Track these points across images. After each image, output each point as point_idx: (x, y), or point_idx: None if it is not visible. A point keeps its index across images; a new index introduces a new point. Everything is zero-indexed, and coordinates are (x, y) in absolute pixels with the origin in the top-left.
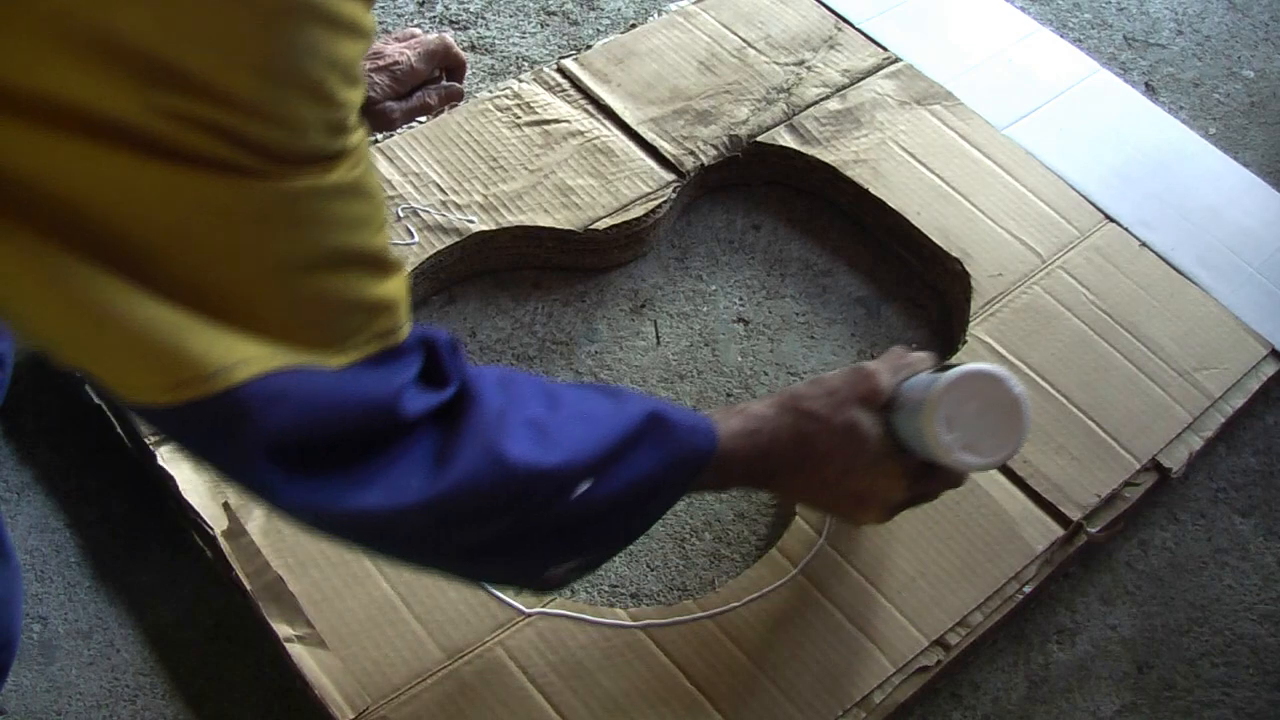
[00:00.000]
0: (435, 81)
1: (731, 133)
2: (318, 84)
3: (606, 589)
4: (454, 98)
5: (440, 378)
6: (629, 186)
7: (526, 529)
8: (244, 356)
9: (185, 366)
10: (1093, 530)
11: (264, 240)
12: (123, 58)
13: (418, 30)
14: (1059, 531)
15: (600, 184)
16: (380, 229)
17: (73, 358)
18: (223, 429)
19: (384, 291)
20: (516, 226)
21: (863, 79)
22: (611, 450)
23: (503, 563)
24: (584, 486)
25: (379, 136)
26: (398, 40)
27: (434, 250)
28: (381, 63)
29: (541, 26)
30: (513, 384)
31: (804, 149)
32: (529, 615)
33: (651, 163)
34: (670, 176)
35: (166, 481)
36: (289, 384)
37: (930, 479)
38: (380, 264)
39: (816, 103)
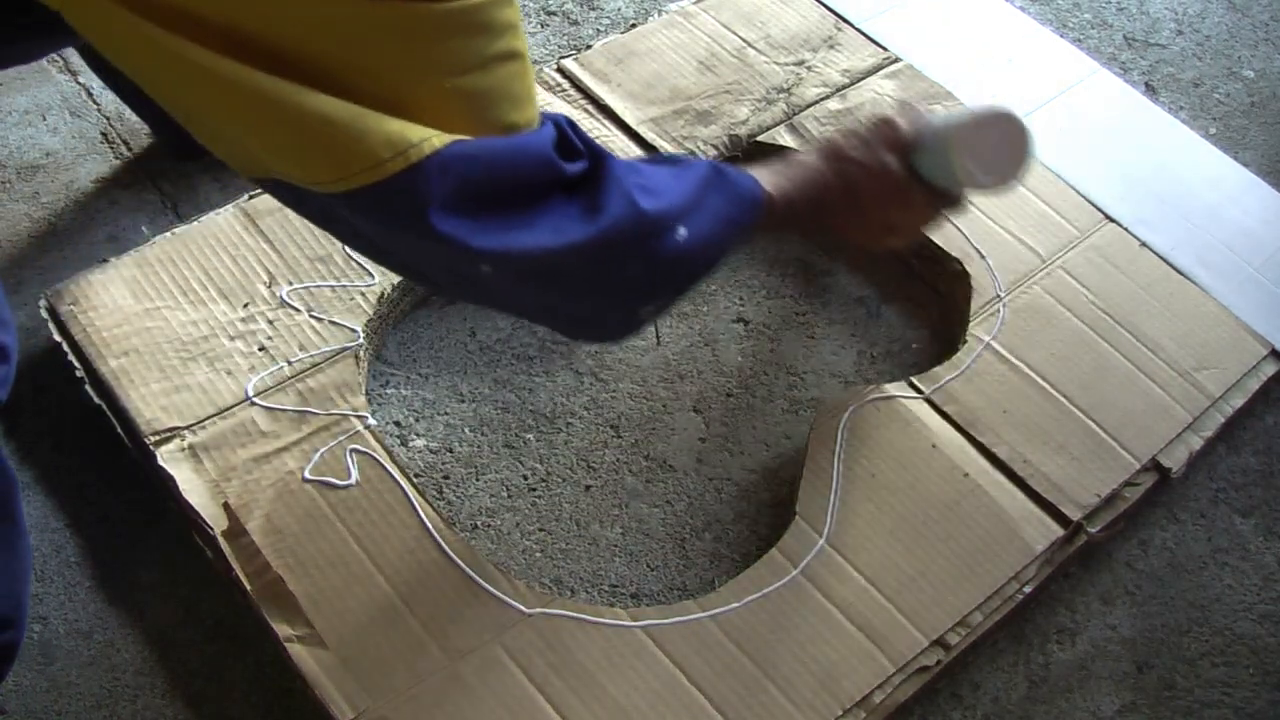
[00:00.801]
0: None
1: (731, 133)
2: None
3: (606, 589)
4: None
5: (574, 150)
6: None
7: (647, 268)
8: (429, 134)
9: (385, 145)
10: (1093, 530)
11: (433, 52)
12: None
13: None
14: (1059, 531)
15: None
16: (521, 33)
17: (279, 162)
18: (419, 196)
19: (527, 84)
20: None
21: (863, 79)
22: (694, 198)
23: (613, 309)
24: (681, 231)
25: None
26: None
27: None
28: None
29: (541, 26)
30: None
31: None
32: (529, 615)
33: None
34: None
35: (166, 481)
36: (469, 146)
37: (943, 203)
38: (524, 61)
39: (816, 103)
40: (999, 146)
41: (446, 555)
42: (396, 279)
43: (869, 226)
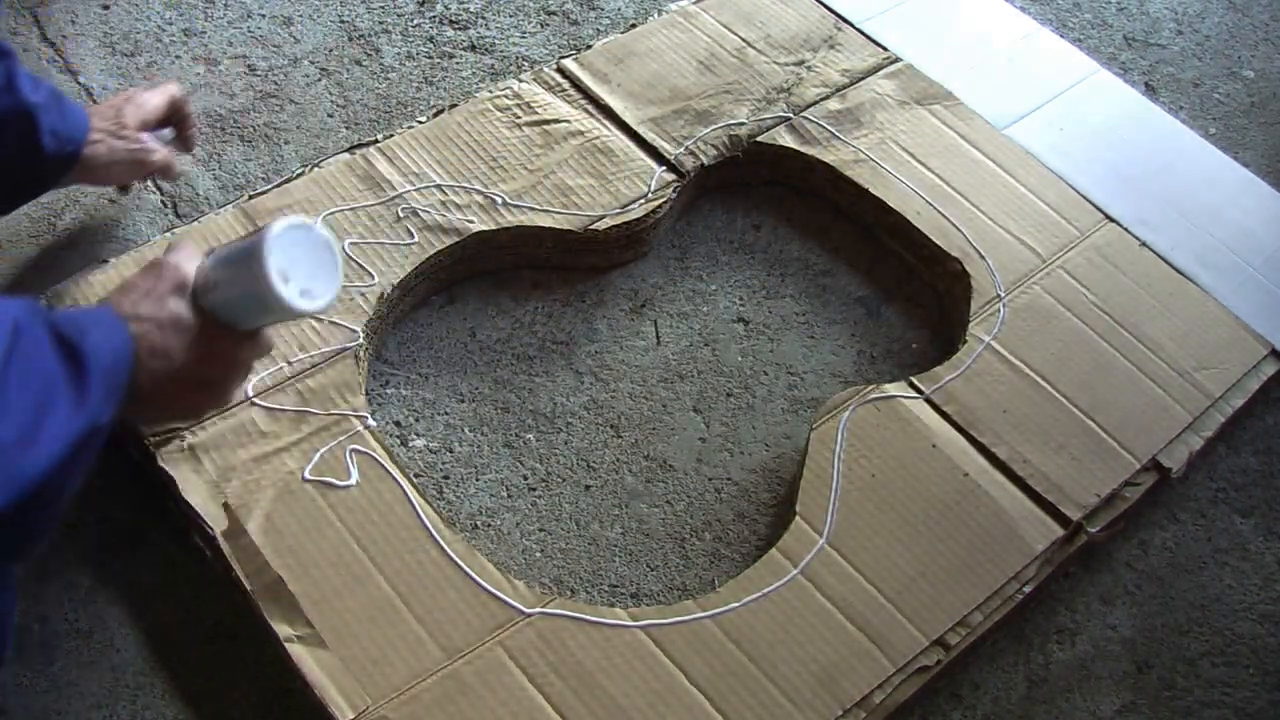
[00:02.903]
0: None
1: (731, 133)
2: None
3: (606, 589)
4: (169, 173)
5: None
6: (629, 186)
7: None
8: None
9: None
10: (1093, 530)
11: None
12: None
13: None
14: (1059, 531)
15: (600, 184)
16: None
17: None
18: None
19: None
20: (516, 226)
21: (863, 79)
22: (38, 497)
23: None
24: None
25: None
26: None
27: (434, 250)
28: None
29: (541, 26)
30: None
31: (804, 149)
32: (529, 615)
33: (651, 163)
34: (670, 176)
35: (166, 481)
36: None
37: (253, 347)
38: None
39: (816, 103)
40: (309, 265)
41: (446, 555)
42: (396, 279)
43: (176, 391)
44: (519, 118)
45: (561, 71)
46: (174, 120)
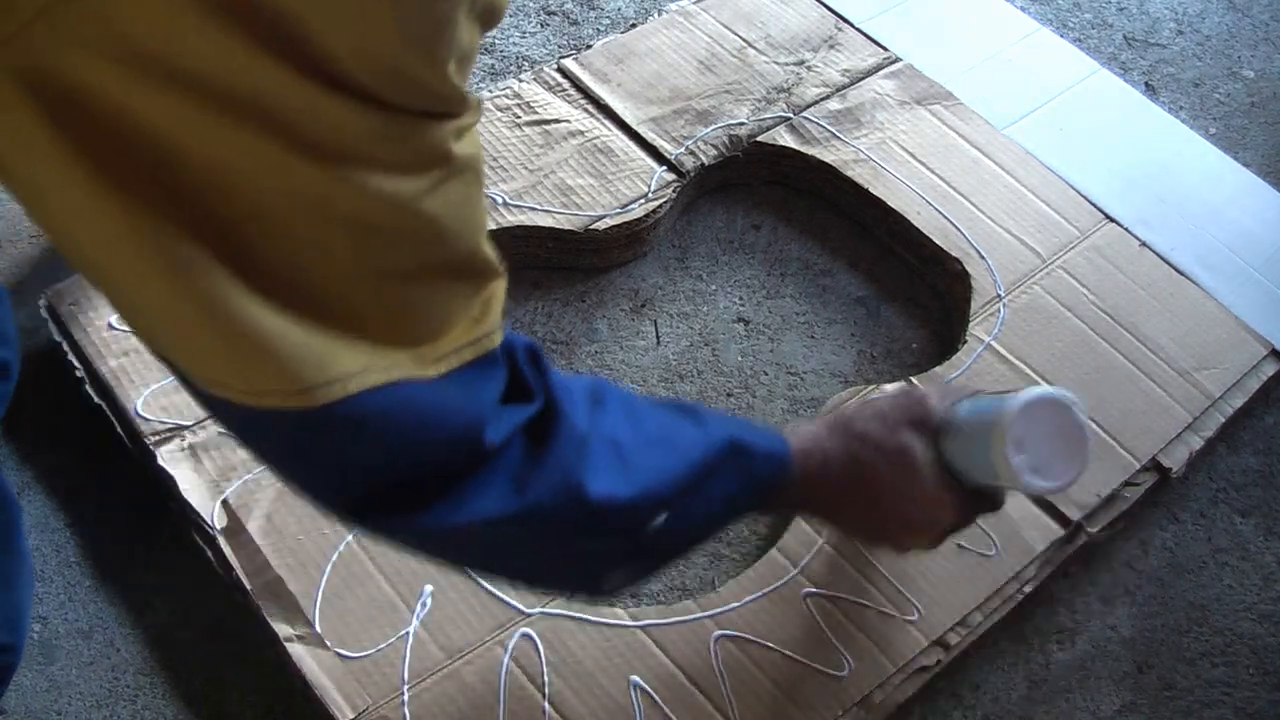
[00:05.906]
0: None
1: (731, 133)
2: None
3: None
4: None
5: (523, 391)
6: (629, 186)
7: (597, 551)
8: (347, 369)
9: (292, 374)
10: (1093, 530)
11: (371, 241)
12: (253, 23)
13: None
14: (1059, 531)
15: (600, 184)
16: (481, 230)
17: (169, 348)
18: (318, 443)
19: (485, 294)
20: (516, 226)
21: (863, 79)
22: (691, 482)
23: (568, 574)
24: (660, 519)
25: None
26: None
27: None
28: None
29: (541, 26)
30: (601, 398)
31: (804, 149)
32: (529, 615)
33: (651, 163)
34: (670, 176)
35: (166, 481)
36: (386, 404)
37: (976, 504)
38: (482, 266)
39: (816, 103)
40: (1052, 443)
41: None
42: None
43: (881, 522)
44: (519, 118)
45: (561, 71)
46: None
